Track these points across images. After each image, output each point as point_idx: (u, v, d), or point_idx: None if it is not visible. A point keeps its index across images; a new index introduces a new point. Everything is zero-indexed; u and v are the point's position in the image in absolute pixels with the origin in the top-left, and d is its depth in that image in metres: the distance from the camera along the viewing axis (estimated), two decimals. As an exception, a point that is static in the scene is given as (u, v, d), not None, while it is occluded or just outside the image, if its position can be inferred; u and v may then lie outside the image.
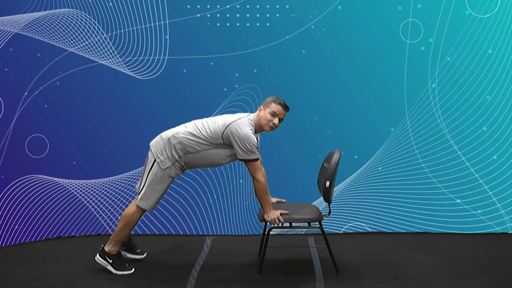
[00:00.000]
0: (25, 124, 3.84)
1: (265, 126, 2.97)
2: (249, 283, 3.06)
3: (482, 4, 3.85)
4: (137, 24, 3.91)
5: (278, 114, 2.94)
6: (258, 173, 2.97)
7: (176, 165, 3.08)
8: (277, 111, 2.94)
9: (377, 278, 3.11)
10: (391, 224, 4.03)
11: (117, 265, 3.17)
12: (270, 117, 2.94)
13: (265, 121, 2.95)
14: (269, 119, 2.94)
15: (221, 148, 3.02)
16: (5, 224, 3.79)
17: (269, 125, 2.96)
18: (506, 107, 3.92)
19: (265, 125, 2.96)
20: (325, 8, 3.90)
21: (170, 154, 3.05)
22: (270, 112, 2.94)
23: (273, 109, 2.94)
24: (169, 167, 3.06)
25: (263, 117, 2.97)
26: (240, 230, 4.03)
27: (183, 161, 3.08)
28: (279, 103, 2.96)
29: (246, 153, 2.91)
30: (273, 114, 2.94)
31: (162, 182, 3.09)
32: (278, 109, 2.94)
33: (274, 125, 2.97)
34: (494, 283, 3.02)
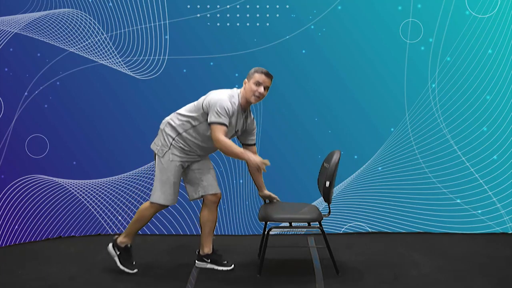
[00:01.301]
0: (25, 124, 3.84)
1: (251, 98, 2.96)
2: (249, 283, 3.06)
3: (482, 4, 3.85)
4: (137, 24, 3.91)
5: (262, 83, 2.94)
6: (219, 135, 2.91)
7: (173, 149, 3.05)
8: (261, 80, 2.94)
9: (377, 278, 3.10)
10: (391, 224, 4.03)
11: (123, 259, 3.17)
12: (255, 87, 2.94)
13: (250, 93, 2.96)
14: (254, 89, 2.94)
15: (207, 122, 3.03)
16: (5, 224, 3.79)
17: (254, 96, 2.95)
18: (506, 107, 3.92)
19: (250, 96, 2.96)
20: (325, 8, 3.90)
21: (163, 140, 3.08)
22: (254, 82, 2.95)
23: (256, 78, 2.95)
24: (166, 153, 3.05)
25: (248, 89, 2.97)
26: (240, 230, 4.03)
27: (180, 143, 3.06)
28: (262, 71, 2.97)
29: (215, 115, 2.90)
30: (256, 83, 2.94)
31: (165, 172, 3.06)
32: (262, 78, 2.95)
33: (259, 94, 2.95)
34: (494, 283, 3.02)
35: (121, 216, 4.02)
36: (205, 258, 3.24)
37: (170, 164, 3.06)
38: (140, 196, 4.02)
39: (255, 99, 2.97)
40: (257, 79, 2.95)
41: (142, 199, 4.01)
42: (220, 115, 2.90)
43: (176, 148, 3.06)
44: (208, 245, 3.24)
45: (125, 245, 3.19)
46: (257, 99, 2.97)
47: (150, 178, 4.01)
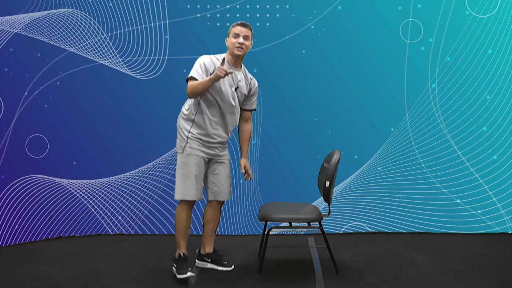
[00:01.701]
0: (25, 124, 3.84)
1: (234, 50, 2.97)
2: (249, 283, 3.06)
3: (482, 4, 3.85)
4: (137, 24, 3.91)
5: (239, 33, 2.96)
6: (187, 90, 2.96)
7: (191, 142, 3.03)
8: (237, 31, 2.96)
9: (377, 278, 3.11)
10: (391, 224, 4.03)
11: (178, 269, 3.04)
12: (234, 39, 2.96)
13: (231, 46, 2.98)
14: (233, 41, 2.96)
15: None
16: (5, 224, 3.79)
17: (235, 47, 2.96)
18: (506, 107, 3.92)
19: (233, 49, 2.97)
20: (325, 8, 3.90)
21: (180, 136, 3.07)
22: (232, 36, 2.98)
23: (232, 31, 2.98)
24: (185, 147, 3.03)
25: (229, 44, 3.00)
26: (240, 230, 4.03)
27: (196, 133, 3.03)
28: (236, 24, 3.00)
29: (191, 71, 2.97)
30: (234, 36, 2.96)
31: (185, 166, 3.03)
32: (237, 29, 2.97)
33: (240, 44, 2.95)
34: (494, 283, 3.02)
35: (121, 216, 4.02)
36: (205, 258, 3.24)
37: (189, 158, 3.03)
38: (140, 196, 4.02)
39: (238, 50, 2.97)
40: (233, 32, 2.97)
41: (142, 199, 4.02)
42: (192, 71, 2.96)
43: (194, 141, 3.03)
44: (209, 244, 3.24)
45: (178, 254, 3.10)
46: (240, 49, 2.97)
47: (150, 178, 4.02)
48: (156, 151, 4.00)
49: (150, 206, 4.03)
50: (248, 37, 2.99)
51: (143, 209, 4.03)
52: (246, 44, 2.98)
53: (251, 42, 3.04)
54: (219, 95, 2.99)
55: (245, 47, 2.99)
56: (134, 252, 3.61)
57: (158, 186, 4.02)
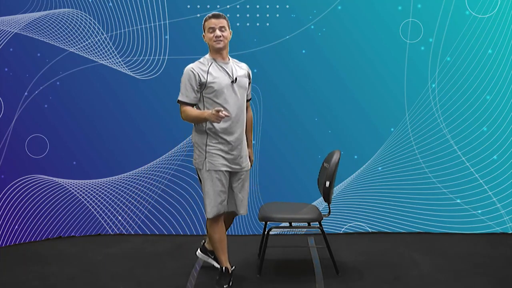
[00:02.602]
0: (25, 124, 3.84)
1: (214, 45, 2.83)
2: (249, 283, 3.06)
3: (482, 4, 3.85)
4: (137, 24, 3.91)
5: (214, 26, 2.81)
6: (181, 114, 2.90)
7: (210, 156, 2.88)
8: (212, 24, 2.82)
9: (377, 278, 3.11)
10: (391, 224, 4.03)
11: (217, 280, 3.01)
12: (210, 34, 2.83)
13: (210, 41, 2.85)
14: (210, 36, 2.83)
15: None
16: (5, 224, 3.79)
17: (213, 41, 2.82)
18: (506, 107, 3.92)
19: (212, 44, 2.84)
20: (325, 8, 3.90)
21: (198, 151, 2.93)
22: (207, 31, 2.85)
23: (207, 26, 2.85)
24: (204, 163, 2.88)
25: (207, 40, 2.87)
26: (240, 230, 4.03)
27: (214, 144, 2.88)
28: (208, 16, 2.86)
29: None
30: (210, 30, 2.83)
31: (208, 182, 2.89)
32: (211, 23, 2.82)
33: (217, 37, 2.81)
34: (494, 283, 3.02)
35: (121, 216, 4.02)
36: (209, 253, 3.23)
37: (210, 173, 2.89)
38: (140, 196, 4.02)
39: (217, 43, 2.82)
40: (208, 26, 2.84)
41: (142, 199, 4.02)
42: (180, 94, 2.87)
43: (213, 154, 2.88)
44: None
45: (220, 267, 3.05)
46: (219, 42, 2.82)
47: (150, 178, 4.02)
48: (156, 151, 4.00)
49: (150, 206, 4.03)
50: (224, 27, 2.84)
51: (143, 209, 4.03)
52: (224, 35, 2.83)
53: (229, 31, 2.90)
54: (221, 97, 2.85)
55: (224, 38, 2.83)
56: (134, 252, 3.61)
57: (158, 186, 4.02)
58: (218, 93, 2.85)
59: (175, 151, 4.01)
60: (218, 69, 2.87)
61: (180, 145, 4.00)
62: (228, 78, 2.88)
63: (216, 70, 2.87)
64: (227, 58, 2.95)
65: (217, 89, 2.84)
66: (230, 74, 2.89)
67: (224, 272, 3.00)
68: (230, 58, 2.99)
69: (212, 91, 2.84)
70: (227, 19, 2.89)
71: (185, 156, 4.00)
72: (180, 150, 4.01)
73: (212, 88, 2.83)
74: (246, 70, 3.03)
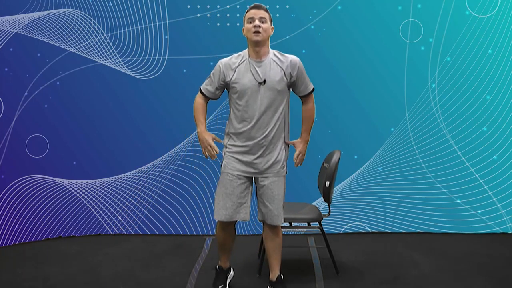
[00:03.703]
0: (25, 124, 3.84)
1: (252, 37, 2.62)
2: (249, 283, 3.06)
3: (482, 4, 3.85)
4: (137, 24, 3.91)
5: (254, 16, 2.62)
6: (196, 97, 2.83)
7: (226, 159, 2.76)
8: (251, 15, 2.63)
9: (377, 278, 3.11)
10: (391, 224, 4.03)
11: (214, 279, 2.99)
12: (249, 25, 2.63)
13: (248, 33, 2.64)
14: (249, 27, 2.62)
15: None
16: (5, 224, 3.79)
17: (252, 33, 2.61)
18: (506, 107, 3.92)
19: (251, 36, 2.62)
20: (325, 8, 3.90)
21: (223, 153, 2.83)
22: (246, 22, 2.66)
23: (246, 17, 2.66)
24: (221, 165, 2.80)
25: (246, 32, 2.67)
26: (240, 230, 4.03)
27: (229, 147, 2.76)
28: (250, 7, 2.68)
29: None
30: (249, 21, 2.63)
31: (219, 185, 2.79)
32: (251, 13, 2.64)
33: (256, 27, 2.60)
34: (494, 283, 3.02)
35: (121, 216, 4.02)
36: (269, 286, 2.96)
37: (222, 176, 2.77)
38: (140, 196, 4.02)
39: (256, 35, 2.60)
40: (247, 17, 2.65)
41: (142, 199, 4.02)
42: (205, 81, 2.80)
43: (228, 156, 2.76)
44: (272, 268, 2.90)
45: (217, 265, 3.03)
46: (257, 34, 2.60)
47: (150, 178, 4.02)
48: (156, 151, 4.00)
49: (150, 206, 4.03)
50: (265, 19, 2.62)
51: (143, 209, 4.03)
52: (263, 27, 2.60)
53: (270, 26, 2.67)
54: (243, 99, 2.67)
55: (263, 31, 2.60)
56: (134, 252, 3.61)
57: (158, 186, 4.02)
58: (241, 95, 2.67)
59: (175, 151, 4.01)
60: (248, 68, 2.67)
61: (180, 145, 4.00)
62: (256, 79, 2.66)
63: (245, 69, 2.68)
64: (264, 56, 2.68)
65: (239, 90, 2.66)
66: (260, 75, 2.66)
67: (219, 271, 2.99)
68: (274, 53, 2.73)
69: (235, 91, 2.69)
70: (269, 12, 2.68)
71: (185, 156, 4.00)
72: (180, 150, 4.01)
73: (235, 89, 2.68)
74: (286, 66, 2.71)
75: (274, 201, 2.75)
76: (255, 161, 2.72)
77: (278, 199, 2.76)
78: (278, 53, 2.74)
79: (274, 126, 2.71)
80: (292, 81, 2.74)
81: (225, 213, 2.72)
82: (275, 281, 2.86)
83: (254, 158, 2.72)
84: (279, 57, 2.72)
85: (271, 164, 2.74)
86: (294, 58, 2.75)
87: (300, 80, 2.77)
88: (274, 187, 2.75)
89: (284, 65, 2.71)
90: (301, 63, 2.77)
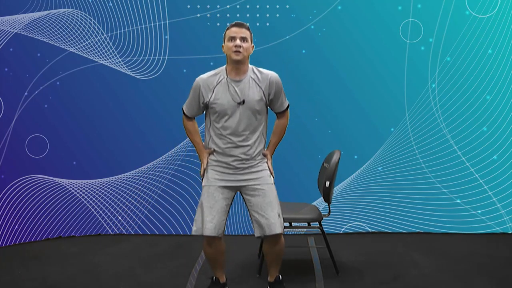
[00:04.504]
0: (25, 124, 3.84)
1: (232, 56, 2.57)
2: (249, 283, 3.06)
3: (482, 4, 3.85)
4: (137, 24, 3.91)
5: (235, 35, 2.57)
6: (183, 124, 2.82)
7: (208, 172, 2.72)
8: (232, 33, 2.57)
9: (377, 278, 3.10)
10: (391, 224, 4.03)
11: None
12: (230, 43, 2.57)
13: (228, 51, 2.59)
14: (229, 46, 2.57)
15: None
16: (5, 224, 3.79)
17: (232, 51, 2.56)
18: (506, 107, 3.92)
19: (230, 55, 2.58)
20: (325, 8, 3.90)
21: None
22: (227, 40, 2.60)
23: (227, 35, 2.60)
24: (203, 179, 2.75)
25: (226, 50, 2.62)
26: (240, 230, 4.03)
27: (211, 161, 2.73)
28: (231, 25, 2.62)
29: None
30: (230, 39, 2.58)
31: (201, 198, 2.72)
32: (232, 31, 2.58)
33: (236, 47, 2.55)
34: (494, 283, 3.02)
35: (121, 216, 4.02)
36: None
37: (203, 189, 2.70)
38: (140, 196, 4.02)
39: (236, 54, 2.56)
40: (228, 35, 2.60)
41: (142, 199, 4.02)
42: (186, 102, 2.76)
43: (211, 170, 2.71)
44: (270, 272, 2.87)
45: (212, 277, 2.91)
46: (237, 53, 2.56)
47: (150, 178, 4.02)
48: (156, 151, 4.00)
49: (150, 206, 4.03)
50: (245, 38, 2.59)
51: (143, 209, 4.03)
52: (244, 47, 2.56)
53: (251, 45, 2.64)
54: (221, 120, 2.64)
55: (243, 50, 2.56)
56: (134, 252, 3.61)
57: (158, 186, 4.02)
58: (220, 115, 2.63)
59: (175, 151, 4.01)
60: (226, 87, 2.62)
61: (180, 145, 4.00)
62: (235, 99, 2.61)
63: (223, 89, 2.62)
64: (244, 74, 2.64)
65: (218, 110, 2.62)
66: (238, 95, 2.61)
67: (215, 282, 2.87)
68: (253, 70, 2.69)
69: (214, 111, 2.64)
70: (250, 31, 2.65)
71: (185, 156, 4.00)
72: (180, 150, 4.01)
73: (214, 109, 2.63)
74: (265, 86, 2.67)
75: (269, 208, 2.67)
76: (238, 173, 2.69)
77: (272, 206, 2.68)
78: (256, 70, 2.69)
79: (254, 143, 2.68)
80: (270, 98, 2.70)
81: (213, 227, 2.63)
82: (273, 282, 2.87)
83: (237, 171, 2.68)
84: (257, 75, 2.67)
85: (255, 173, 2.71)
86: (272, 76, 2.69)
87: (277, 97, 2.72)
88: (265, 194, 2.69)
89: (263, 84, 2.66)
90: (279, 80, 2.70)
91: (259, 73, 2.68)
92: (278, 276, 2.87)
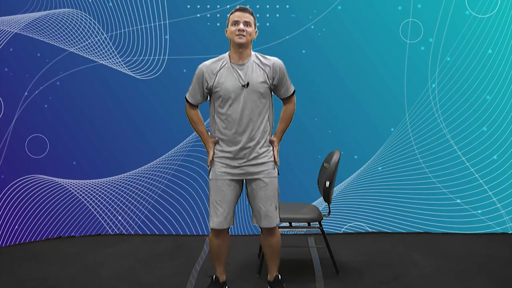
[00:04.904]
0: (25, 124, 3.84)
1: (235, 39, 2.57)
2: (249, 283, 3.06)
3: (482, 4, 3.85)
4: (137, 24, 3.91)
5: (238, 20, 2.57)
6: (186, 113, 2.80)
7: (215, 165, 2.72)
8: (236, 18, 2.58)
9: (377, 278, 3.10)
10: (391, 224, 4.03)
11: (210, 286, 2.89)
12: (233, 27, 2.58)
13: (231, 35, 2.59)
14: (233, 30, 2.58)
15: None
16: (5, 224, 3.79)
17: (235, 36, 2.57)
18: (506, 107, 3.92)
19: (233, 38, 2.58)
20: (325, 8, 3.90)
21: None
22: (231, 24, 2.61)
23: (231, 19, 2.61)
24: (209, 172, 2.76)
25: (229, 34, 2.62)
26: (240, 230, 4.03)
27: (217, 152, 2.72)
28: (235, 9, 2.63)
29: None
30: (233, 23, 2.59)
31: (210, 193, 2.74)
32: (236, 15, 2.59)
33: (240, 31, 2.56)
34: (494, 283, 3.02)
35: (121, 216, 4.02)
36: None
37: (211, 183, 2.72)
38: (140, 196, 4.02)
39: (239, 38, 2.56)
40: (232, 19, 2.60)
41: (142, 199, 4.02)
42: (188, 90, 2.74)
43: (216, 162, 2.71)
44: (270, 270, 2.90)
45: (213, 276, 2.92)
46: (241, 37, 2.56)
47: (150, 178, 4.02)
48: (156, 151, 4.00)
49: (150, 206, 4.03)
50: (249, 23, 2.59)
51: (143, 209, 4.03)
52: (248, 31, 2.57)
53: (254, 30, 2.63)
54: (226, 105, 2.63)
55: (247, 34, 2.57)
56: (134, 252, 3.61)
57: (158, 186, 4.02)
58: (224, 99, 2.62)
59: (175, 151, 4.01)
60: (230, 72, 2.63)
61: (180, 145, 4.00)
62: (239, 82, 2.61)
63: (227, 73, 2.63)
64: (247, 59, 2.64)
65: (222, 94, 2.61)
66: (242, 78, 2.61)
67: (215, 281, 2.88)
68: (256, 55, 2.68)
69: (218, 96, 2.63)
70: (254, 16, 2.66)
71: (185, 156, 4.00)
72: (180, 150, 4.01)
73: (218, 93, 2.62)
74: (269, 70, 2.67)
75: (267, 202, 2.72)
76: (244, 165, 2.69)
77: (271, 200, 2.73)
78: (260, 55, 2.70)
79: (259, 129, 2.69)
80: (274, 83, 2.70)
81: (218, 221, 2.68)
82: (272, 281, 2.88)
83: (243, 162, 2.68)
84: (261, 60, 2.68)
85: (260, 165, 2.73)
86: (276, 61, 2.70)
87: (282, 83, 2.73)
88: (267, 188, 2.73)
89: (266, 68, 2.67)
90: (283, 66, 2.72)
91: (263, 58, 2.69)
92: (278, 275, 2.88)
